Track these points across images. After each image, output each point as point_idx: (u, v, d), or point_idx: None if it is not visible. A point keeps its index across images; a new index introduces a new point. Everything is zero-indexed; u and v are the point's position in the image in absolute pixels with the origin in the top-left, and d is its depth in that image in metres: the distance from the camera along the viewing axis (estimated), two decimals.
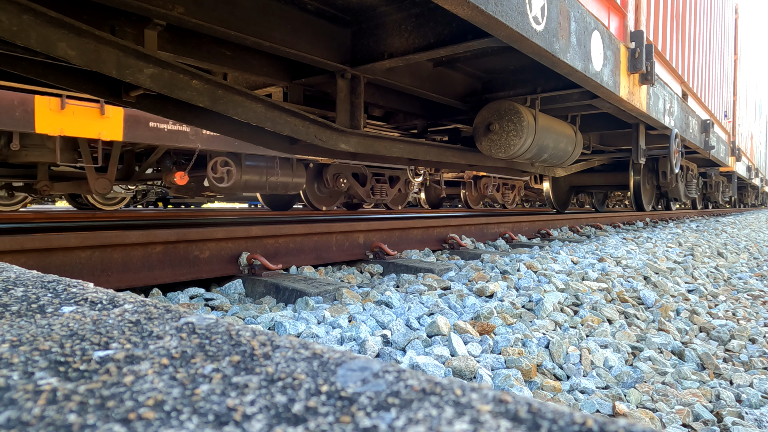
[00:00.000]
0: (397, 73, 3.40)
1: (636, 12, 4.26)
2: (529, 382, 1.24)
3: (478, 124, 3.94)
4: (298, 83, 3.28)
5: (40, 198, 7.61)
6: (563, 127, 4.42)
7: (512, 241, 3.98)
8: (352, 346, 1.30)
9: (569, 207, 13.66)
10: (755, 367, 1.64)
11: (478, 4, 1.91)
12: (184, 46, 2.60)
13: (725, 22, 10.20)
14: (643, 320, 1.91)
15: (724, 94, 10.14)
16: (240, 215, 6.52)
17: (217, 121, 3.02)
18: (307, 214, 7.31)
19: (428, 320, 1.53)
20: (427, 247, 3.26)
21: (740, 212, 13.14)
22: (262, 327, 1.45)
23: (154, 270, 1.89)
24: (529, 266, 2.38)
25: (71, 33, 1.81)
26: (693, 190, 9.32)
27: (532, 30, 2.36)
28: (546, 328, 1.58)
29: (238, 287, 1.96)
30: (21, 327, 0.58)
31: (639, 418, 1.13)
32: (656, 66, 4.72)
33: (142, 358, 0.48)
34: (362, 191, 8.07)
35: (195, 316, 0.63)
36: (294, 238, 2.41)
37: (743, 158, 12.99)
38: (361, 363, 0.46)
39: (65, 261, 1.67)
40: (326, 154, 3.80)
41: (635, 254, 3.16)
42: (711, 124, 7.32)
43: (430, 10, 2.68)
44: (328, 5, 2.79)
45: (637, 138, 5.26)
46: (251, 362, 0.47)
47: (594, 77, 3.19)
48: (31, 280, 0.83)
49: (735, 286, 2.94)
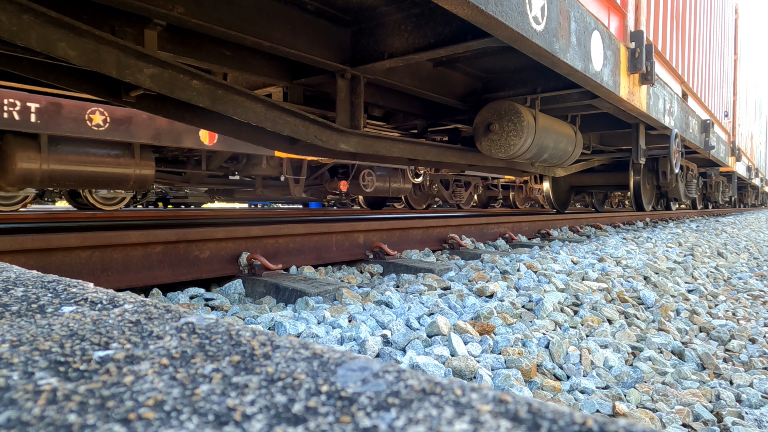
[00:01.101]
0: (397, 73, 3.40)
1: (636, 12, 4.26)
2: (529, 382, 1.24)
3: (478, 124, 3.94)
4: (298, 83, 3.28)
5: (42, 199, 8.05)
6: (563, 127, 4.42)
7: (512, 241, 3.98)
8: (352, 346, 1.30)
9: (569, 207, 13.79)
10: (755, 367, 1.64)
11: (478, 4, 1.91)
12: (184, 46, 2.60)
13: (725, 22, 10.20)
14: (643, 320, 1.91)
15: (724, 94, 10.14)
16: (240, 215, 6.52)
17: (217, 121, 3.02)
18: (307, 214, 7.32)
19: (428, 320, 1.53)
20: (427, 247, 3.26)
21: (740, 212, 13.14)
22: (262, 327, 1.45)
23: (154, 270, 1.89)
24: (529, 266, 2.38)
25: (71, 33, 1.81)
26: (693, 190, 9.32)
27: (532, 30, 2.36)
28: (546, 328, 1.58)
29: (238, 287, 1.96)
30: (21, 327, 0.58)
31: (639, 418, 1.13)
32: (656, 66, 4.72)
33: (142, 358, 0.48)
34: (446, 194, 10.19)
35: (195, 316, 0.63)
36: (294, 238, 2.41)
37: (743, 158, 12.99)
38: (361, 363, 0.46)
39: (65, 261, 1.67)
40: (326, 154, 3.80)
41: (635, 254, 3.16)
42: (711, 124, 7.32)
43: (430, 10, 2.68)
44: (328, 5, 2.79)
45: (637, 138, 5.26)
46: (251, 362, 0.47)
47: (594, 77, 3.19)
48: (31, 280, 0.83)
49: (735, 286, 2.94)
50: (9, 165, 4.24)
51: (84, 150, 4.60)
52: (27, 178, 4.33)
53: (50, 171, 4.41)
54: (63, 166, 4.46)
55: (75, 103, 4.43)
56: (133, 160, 4.88)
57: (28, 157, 4.26)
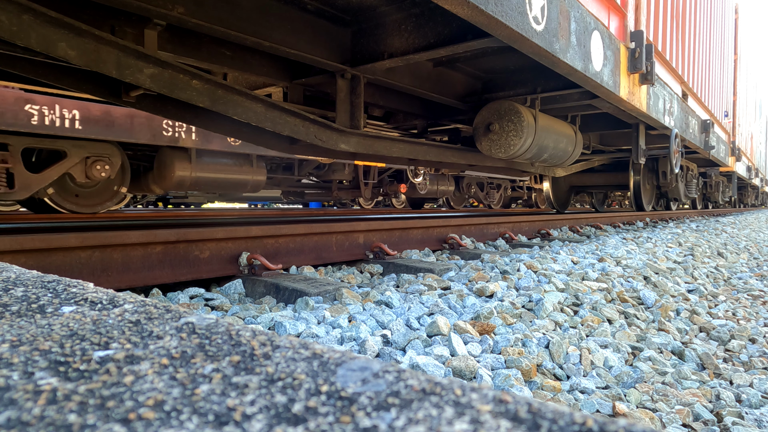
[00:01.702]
0: (397, 73, 3.40)
1: (636, 12, 4.26)
2: (529, 382, 1.24)
3: (478, 124, 3.94)
4: (298, 83, 3.28)
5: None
6: (563, 127, 4.42)
7: (512, 241, 3.98)
8: (352, 346, 1.30)
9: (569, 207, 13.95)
10: (755, 367, 1.64)
11: (478, 4, 1.91)
12: (184, 46, 2.60)
13: (725, 22, 10.20)
14: (643, 320, 1.91)
15: (724, 94, 10.14)
16: (240, 215, 6.52)
17: (217, 121, 3.02)
18: (307, 214, 7.32)
19: (428, 320, 1.53)
20: (427, 247, 3.26)
21: (740, 212, 13.14)
22: (262, 327, 1.45)
23: (154, 270, 1.89)
24: (529, 266, 2.38)
25: (71, 33, 1.81)
26: (693, 190, 9.32)
27: (532, 30, 2.36)
28: (546, 328, 1.58)
29: (238, 287, 1.96)
30: (21, 327, 0.58)
31: (639, 418, 1.13)
32: (656, 66, 4.72)
33: (142, 358, 0.48)
34: (481, 195, 11.41)
35: (195, 316, 0.63)
36: (294, 238, 2.41)
37: (743, 158, 12.99)
38: (361, 363, 0.46)
39: (65, 261, 1.67)
40: (326, 154, 3.80)
41: (635, 254, 3.16)
42: (711, 124, 7.32)
43: (430, 10, 2.68)
44: (328, 5, 2.79)
45: (637, 138, 5.26)
46: (251, 362, 0.47)
47: (594, 77, 3.19)
48: (31, 280, 0.83)
49: (735, 286, 2.94)
50: (168, 173, 5.31)
51: (218, 161, 5.72)
52: (180, 183, 5.41)
53: (196, 178, 5.49)
54: (205, 173, 5.56)
55: None
56: (251, 168, 5.99)
57: (182, 167, 5.34)
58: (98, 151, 4.86)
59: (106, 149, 4.91)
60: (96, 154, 4.84)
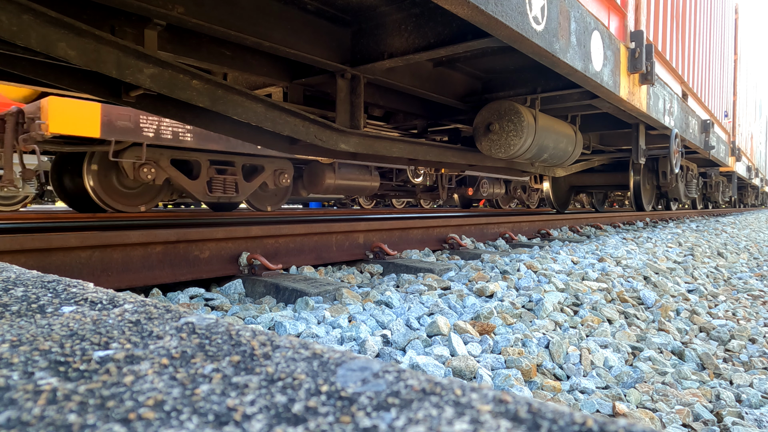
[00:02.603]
0: (397, 73, 3.40)
1: (636, 12, 4.26)
2: (529, 382, 1.24)
3: (478, 124, 3.94)
4: (298, 83, 3.28)
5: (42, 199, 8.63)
6: (563, 127, 4.42)
7: (512, 241, 3.98)
8: (352, 346, 1.30)
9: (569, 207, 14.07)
10: (755, 367, 1.64)
11: (478, 4, 1.91)
12: (184, 46, 2.60)
13: (725, 22, 10.19)
14: (643, 320, 1.91)
15: (724, 94, 10.13)
16: (240, 215, 6.52)
17: (217, 121, 3.02)
18: (307, 214, 7.33)
19: (428, 320, 1.53)
20: (427, 247, 3.26)
21: (740, 212, 13.14)
22: (262, 327, 1.45)
23: (154, 270, 1.89)
24: (529, 266, 2.38)
25: (71, 33, 1.81)
26: (693, 190, 9.32)
27: (532, 30, 2.36)
28: (546, 328, 1.58)
29: (238, 287, 1.96)
30: (21, 327, 0.58)
31: (639, 418, 1.13)
32: (656, 66, 4.72)
33: (142, 358, 0.48)
34: (524, 196, 12.62)
35: (195, 316, 0.63)
36: (294, 238, 2.41)
37: (743, 158, 12.99)
38: (361, 363, 0.46)
39: (65, 261, 1.67)
40: (326, 154, 3.80)
41: (635, 254, 3.16)
42: (711, 124, 7.32)
43: (430, 10, 2.68)
44: (328, 5, 2.79)
45: (637, 138, 5.26)
46: (251, 362, 0.47)
47: (594, 77, 3.19)
48: (31, 280, 0.83)
49: (735, 286, 2.94)
50: (320, 180, 7.06)
51: (350, 171, 7.43)
52: (327, 188, 7.12)
53: (338, 184, 7.21)
54: (343, 181, 7.29)
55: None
56: (370, 176, 7.77)
57: (330, 176, 7.08)
58: (281, 166, 6.53)
59: (286, 164, 6.58)
60: (281, 168, 6.52)
